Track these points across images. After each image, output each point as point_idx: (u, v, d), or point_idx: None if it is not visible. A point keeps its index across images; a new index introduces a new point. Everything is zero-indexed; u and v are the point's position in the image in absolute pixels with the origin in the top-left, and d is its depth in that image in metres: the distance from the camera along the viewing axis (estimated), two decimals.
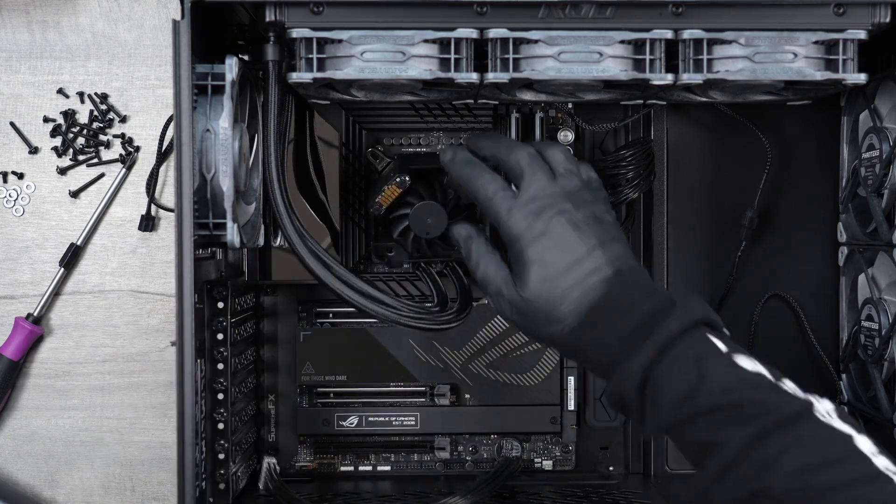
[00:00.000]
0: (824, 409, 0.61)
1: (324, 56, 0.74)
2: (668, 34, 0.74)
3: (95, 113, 0.96)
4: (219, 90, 0.75)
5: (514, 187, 0.72)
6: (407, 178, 0.84)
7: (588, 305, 0.67)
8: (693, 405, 0.62)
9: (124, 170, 0.96)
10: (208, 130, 0.74)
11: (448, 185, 0.84)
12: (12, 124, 0.96)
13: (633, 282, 0.68)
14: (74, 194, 0.96)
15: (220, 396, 0.81)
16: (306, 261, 0.77)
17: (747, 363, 0.63)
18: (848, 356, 0.92)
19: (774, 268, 0.97)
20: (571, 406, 0.96)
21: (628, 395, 0.65)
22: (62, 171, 0.96)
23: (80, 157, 0.96)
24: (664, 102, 0.94)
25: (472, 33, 0.74)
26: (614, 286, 0.67)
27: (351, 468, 0.97)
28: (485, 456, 0.97)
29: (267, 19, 0.73)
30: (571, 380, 0.96)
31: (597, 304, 0.66)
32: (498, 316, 0.95)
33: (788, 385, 0.63)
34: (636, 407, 0.65)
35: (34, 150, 0.96)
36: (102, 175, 0.97)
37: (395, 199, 0.85)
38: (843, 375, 0.93)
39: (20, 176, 0.96)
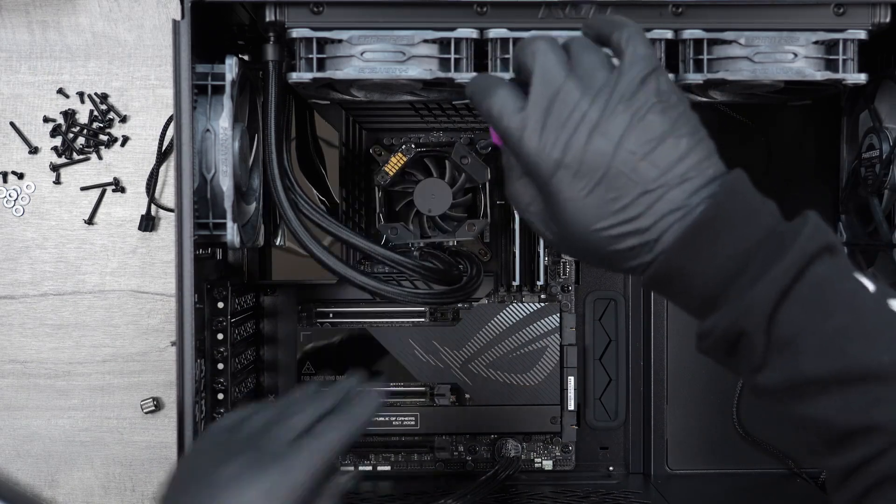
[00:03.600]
0: None
1: (324, 56, 0.74)
2: (668, 34, 0.74)
3: (95, 113, 0.96)
4: (219, 90, 0.75)
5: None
6: (413, 146, 0.85)
7: (684, 230, 0.52)
8: (845, 361, 0.48)
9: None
10: (208, 130, 0.74)
11: (455, 155, 0.84)
12: (12, 124, 0.96)
13: (743, 188, 0.54)
14: (89, 221, 0.96)
15: (220, 396, 0.81)
16: (316, 254, 0.78)
17: None
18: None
19: None
20: (571, 406, 0.96)
21: (750, 330, 0.50)
22: (54, 168, 0.96)
23: (76, 157, 0.96)
24: None
25: (472, 33, 0.74)
26: (724, 197, 0.53)
27: (351, 468, 0.97)
28: (485, 456, 0.97)
29: (267, 19, 0.74)
30: (571, 380, 0.96)
31: (701, 222, 0.52)
32: (498, 316, 0.95)
33: None
34: (760, 349, 0.50)
35: (34, 150, 0.96)
36: (109, 185, 0.97)
37: (401, 172, 0.86)
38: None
39: (20, 176, 0.96)
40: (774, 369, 0.50)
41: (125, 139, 0.97)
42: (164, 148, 0.96)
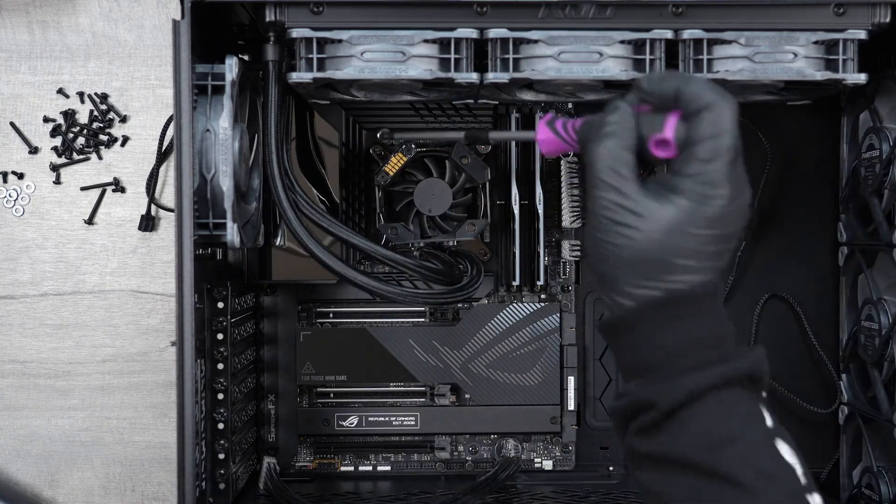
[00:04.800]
0: None
1: (324, 56, 0.74)
2: (668, 34, 0.74)
3: (95, 113, 0.96)
4: (219, 90, 0.75)
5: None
6: (413, 145, 0.85)
7: (678, 293, 0.55)
8: (718, 460, 0.53)
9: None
10: (208, 130, 0.74)
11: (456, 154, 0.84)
12: (12, 124, 0.96)
13: (720, 296, 0.57)
14: (89, 221, 0.96)
15: (220, 396, 0.81)
16: (317, 254, 0.78)
17: (787, 452, 0.55)
18: (848, 356, 0.92)
19: (774, 268, 0.97)
20: (571, 406, 0.96)
21: (660, 403, 0.55)
22: (54, 168, 0.96)
23: (76, 157, 0.96)
24: None
25: (472, 33, 0.74)
26: (712, 289, 0.56)
27: (351, 468, 0.97)
28: (485, 456, 0.97)
29: (267, 19, 0.74)
30: (571, 380, 0.96)
31: (687, 296, 0.55)
32: (498, 316, 0.95)
33: (815, 500, 0.54)
34: (654, 418, 0.55)
35: (34, 150, 0.96)
36: (109, 185, 0.97)
37: (401, 171, 0.86)
38: (844, 375, 0.93)
39: (20, 176, 0.96)
40: (662, 441, 0.55)
41: (125, 139, 0.97)
42: (164, 148, 0.96)
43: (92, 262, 0.97)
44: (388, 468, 0.97)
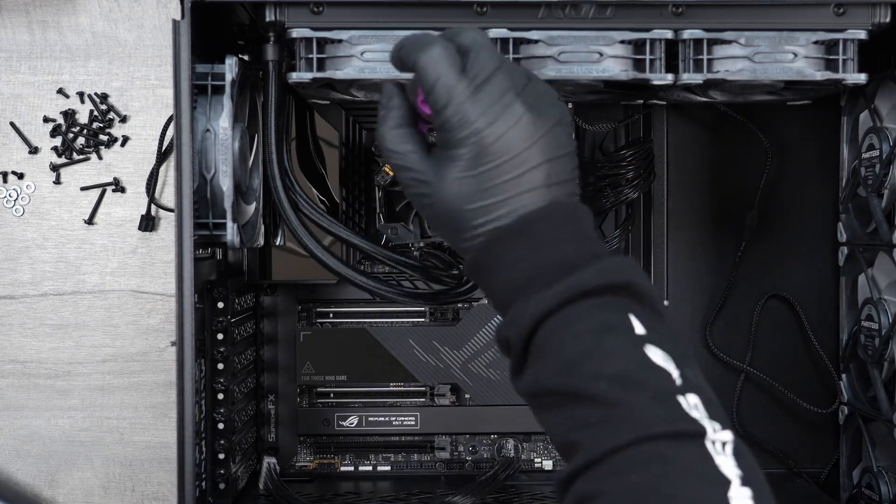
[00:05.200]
0: (721, 439, 0.49)
1: (324, 56, 0.74)
2: (668, 34, 0.74)
3: (95, 113, 0.96)
4: (219, 90, 0.75)
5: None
6: None
7: (502, 230, 0.56)
8: (572, 380, 0.52)
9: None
10: (208, 130, 0.74)
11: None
12: (12, 124, 0.96)
13: (566, 217, 0.56)
14: (89, 221, 0.96)
15: (220, 396, 0.81)
16: (317, 254, 0.78)
17: (658, 357, 0.52)
18: (848, 356, 0.92)
19: (774, 268, 0.97)
20: None
21: (512, 339, 0.54)
22: (54, 168, 0.96)
23: (76, 157, 0.96)
24: (664, 102, 0.94)
25: None
26: (543, 214, 0.56)
27: (351, 468, 0.97)
28: (485, 456, 0.97)
29: (267, 19, 0.74)
30: None
31: (513, 229, 0.56)
32: (498, 316, 0.95)
33: (690, 400, 0.50)
34: (517, 357, 0.55)
35: (34, 150, 0.96)
36: (109, 185, 0.97)
37: None
38: (843, 375, 0.93)
39: (20, 176, 0.96)
40: (527, 377, 0.54)
41: (125, 139, 0.97)
42: (164, 148, 0.96)
43: (92, 262, 0.97)
44: (388, 468, 0.97)
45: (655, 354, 0.51)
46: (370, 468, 0.97)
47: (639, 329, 0.52)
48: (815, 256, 0.97)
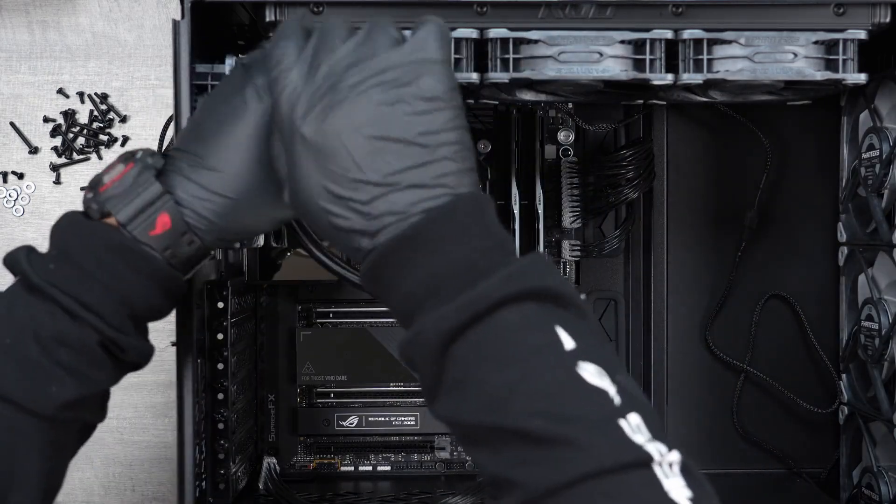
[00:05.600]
0: (668, 461, 0.45)
1: None
2: (668, 34, 0.74)
3: (95, 113, 0.96)
4: None
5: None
6: None
7: (395, 236, 0.50)
8: (502, 418, 0.46)
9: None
10: None
11: None
12: (12, 124, 0.96)
13: (466, 213, 0.50)
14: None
15: (220, 396, 0.81)
16: (316, 253, 0.78)
17: (593, 374, 0.47)
18: (848, 356, 0.92)
19: (774, 268, 0.97)
20: None
21: (418, 361, 0.49)
22: (54, 168, 0.96)
23: (76, 157, 0.96)
24: (664, 102, 0.94)
25: (472, 33, 0.74)
26: (438, 215, 0.50)
27: (351, 468, 0.97)
28: None
29: (267, 19, 0.73)
30: None
31: (407, 234, 0.50)
32: None
33: (632, 421, 0.46)
34: (428, 380, 0.49)
35: (34, 150, 0.96)
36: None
37: None
38: (844, 375, 0.93)
39: (20, 176, 0.96)
40: (443, 405, 0.49)
41: (125, 139, 0.97)
42: (164, 148, 0.96)
43: None
44: (388, 468, 0.97)
45: (589, 372, 0.47)
46: (370, 468, 0.97)
47: (568, 343, 0.47)
48: (815, 256, 0.97)
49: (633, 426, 0.46)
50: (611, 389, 0.46)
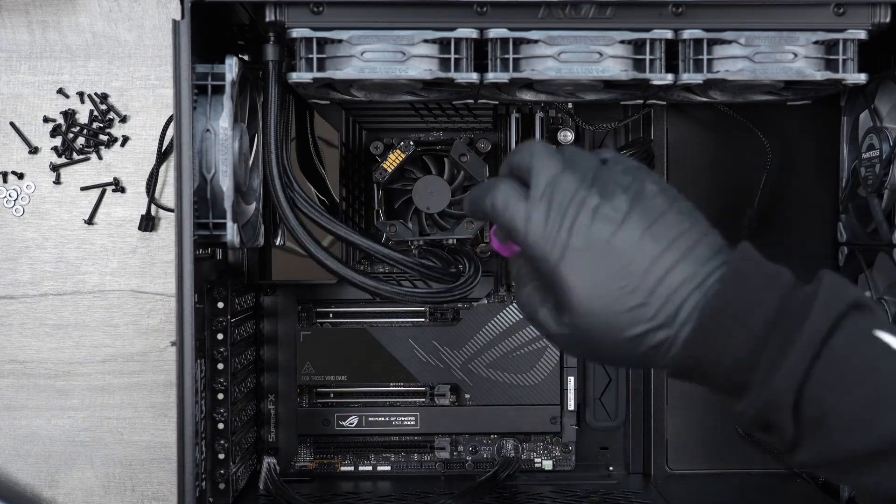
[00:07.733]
0: None
1: (324, 56, 0.74)
2: (668, 34, 0.74)
3: (95, 113, 0.96)
4: (219, 90, 0.75)
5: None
6: (412, 143, 0.86)
7: (692, 311, 0.51)
8: (871, 441, 0.47)
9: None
10: (208, 130, 0.74)
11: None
12: (12, 124, 0.96)
13: (747, 268, 0.51)
14: (89, 221, 0.96)
15: (220, 396, 0.81)
16: (314, 252, 0.78)
17: None
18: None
19: None
20: (571, 406, 0.96)
21: (777, 419, 0.49)
22: (54, 168, 0.96)
23: (76, 157, 0.96)
24: (664, 102, 0.94)
25: (472, 33, 0.74)
26: (727, 279, 0.51)
27: (351, 468, 0.97)
28: (485, 456, 0.97)
29: (267, 19, 0.74)
30: (571, 380, 0.96)
31: (708, 306, 0.50)
32: (498, 316, 0.95)
33: None
34: (790, 433, 0.49)
35: (34, 150, 0.96)
36: (109, 185, 0.97)
37: (400, 169, 0.86)
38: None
39: (20, 176, 0.96)
40: (808, 450, 0.50)
41: (125, 139, 0.97)
42: (164, 148, 0.96)
43: (92, 262, 0.97)
44: (388, 468, 0.97)
45: None
46: (370, 468, 0.97)
47: (893, 343, 0.49)
48: (815, 256, 0.97)
49: None
50: None
